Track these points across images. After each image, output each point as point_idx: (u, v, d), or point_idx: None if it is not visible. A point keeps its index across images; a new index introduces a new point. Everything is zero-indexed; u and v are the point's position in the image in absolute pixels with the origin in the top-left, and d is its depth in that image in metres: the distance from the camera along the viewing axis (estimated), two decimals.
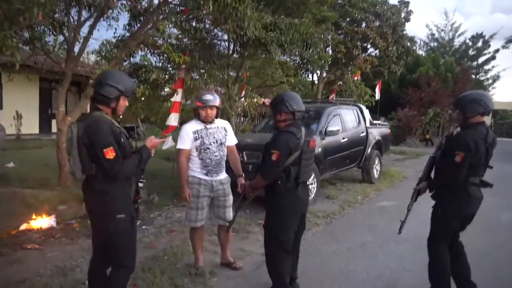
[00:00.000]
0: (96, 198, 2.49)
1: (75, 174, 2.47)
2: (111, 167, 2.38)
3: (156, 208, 6.12)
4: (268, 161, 2.90)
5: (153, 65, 9.27)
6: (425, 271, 3.76)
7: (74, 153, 2.42)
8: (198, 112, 3.52)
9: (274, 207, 3.03)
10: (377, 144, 8.81)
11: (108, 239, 2.51)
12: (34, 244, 4.34)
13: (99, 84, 2.49)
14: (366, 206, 6.60)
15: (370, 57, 14.26)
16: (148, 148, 2.64)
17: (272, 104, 3.13)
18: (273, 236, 3.02)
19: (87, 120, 2.46)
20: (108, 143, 2.38)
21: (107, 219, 2.46)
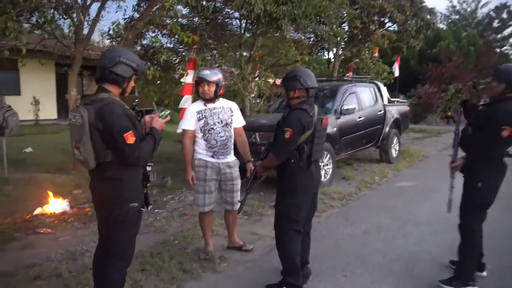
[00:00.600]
0: (108, 187, 2.30)
1: (87, 162, 2.23)
2: (132, 153, 2.22)
3: (169, 191, 6.08)
4: (281, 139, 2.80)
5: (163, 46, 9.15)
6: (446, 254, 3.62)
7: (85, 139, 2.19)
8: (197, 89, 3.46)
9: (287, 186, 2.92)
10: (396, 122, 8.51)
11: (113, 229, 2.35)
12: (46, 228, 4.35)
13: (112, 62, 2.26)
14: (383, 187, 6.39)
15: (387, 32, 13.70)
16: (158, 130, 2.51)
17: (285, 80, 2.98)
18: (285, 216, 2.92)
19: (96, 103, 2.22)
20: (127, 127, 2.22)
21: (118, 208, 2.30)
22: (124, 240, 2.38)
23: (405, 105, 9.62)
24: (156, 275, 3.18)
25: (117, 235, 2.36)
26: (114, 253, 2.37)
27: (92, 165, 2.23)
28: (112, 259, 2.38)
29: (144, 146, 2.32)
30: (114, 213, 2.30)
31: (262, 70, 10.45)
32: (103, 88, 2.31)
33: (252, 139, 6.15)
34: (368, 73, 12.96)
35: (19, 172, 6.98)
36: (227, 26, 10.50)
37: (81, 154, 2.23)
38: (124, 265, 2.43)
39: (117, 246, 2.37)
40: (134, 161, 2.29)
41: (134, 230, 2.44)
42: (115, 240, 2.37)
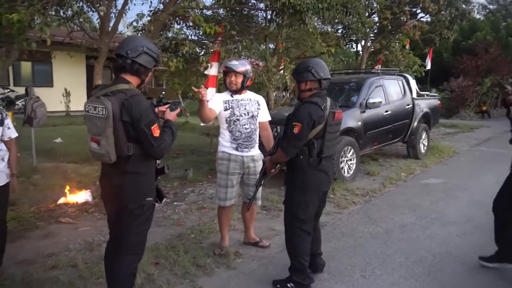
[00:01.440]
0: (126, 181, 2.23)
1: (108, 156, 2.14)
2: (158, 146, 2.19)
3: (190, 184, 6.08)
4: (290, 135, 2.68)
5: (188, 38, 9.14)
6: (474, 258, 3.41)
7: (108, 132, 2.11)
8: (224, 79, 3.38)
9: (295, 184, 2.82)
10: (425, 117, 8.17)
11: (126, 223, 2.30)
12: (68, 218, 4.43)
13: (135, 52, 2.19)
14: (409, 184, 6.14)
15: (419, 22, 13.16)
16: (174, 122, 2.47)
17: (296, 72, 2.84)
18: (293, 215, 2.83)
19: (119, 94, 2.14)
20: (153, 120, 2.18)
21: (134, 202, 2.26)
22: (136, 235, 2.35)
23: (435, 99, 9.22)
24: (169, 269, 3.16)
25: (129, 230, 2.32)
26: (125, 248, 2.34)
27: (114, 158, 2.18)
28: (123, 254, 2.35)
29: (167, 138, 2.29)
30: (129, 207, 2.27)
31: (287, 63, 10.29)
32: (122, 79, 2.24)
33: (274, 132, 6.03)
34: (397, 66, 12.53)
35: (48, 161, 7.19)
36: (252, 17, 10.38)
37: (101, 147, 2.17)
38: (135, 260, 2.41)
39: (128, 240, 2.34)
40: (159, 154, 2.27)
41: (147, 224, 2.41)
42: (127, 235, 2.33)
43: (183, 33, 9.57)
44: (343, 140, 5.91)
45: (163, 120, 2.45)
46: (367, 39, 13.56)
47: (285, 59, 10.46)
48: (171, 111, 2.49)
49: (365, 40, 13.59)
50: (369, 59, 14.51)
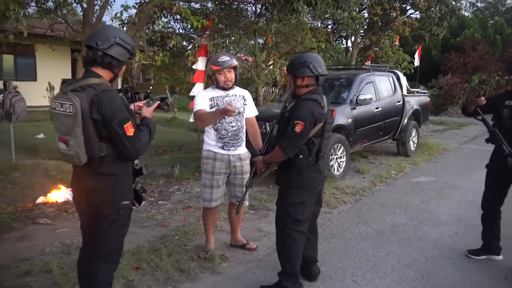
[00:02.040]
0: (100, 184, 2.06)
1: (78, 158, 1.96)
2: (132, 145, 2.01)
3: (176, 181, 5.90)
4: (291, 133, 2.52)
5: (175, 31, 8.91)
6: (467, 260, 3.32)
7: (77, 131, 1.92)
8: (216, 78, 3.13)
9: (292, 184, 2.67)
10: (415, 114, 8.11)
11: (101, 229, 2.11)
12: (46, 219, 4.22)
13: (106, 43, 1.99)
14: (400, 182, 6.06)
15: (409, 19, 13.12)
16: (151, 119, 2.28)
17: (292, 67, 2.68)
18: (288, 216, 2.67)
19: (89, 89, 1.95)
20: (127, 118, 1.99)
21: (110, 206, 2.08)
22: (112, 242, 2.16)
23: (425, 96, 9.17)
24: (151, 274, 2.99)
25: (104, 236, 2.13)
26: (100, 256, 2.16)
27: (84, 160, 1.98)
28: (98, 262, 2.16)
29: (143, 137, 2.10)
30: (104, 212, 2.08)
31: (276, 58, 10.13)
32: (93, 73, 2.04)
33: (262, 129, 5.89)
34: (387, 62, 12.47)
35: (29, 158, 6.92)
36: (241, 11, 10.19)
37: (70, 148, 1.97)
38: (111, 269, 2.22)
39: (104, 248, 2.16)
40: (134, 155, 2.08)
41: (124, 230, 2.22)
42: (102, 242, 2.14)
43: (170, 26, 9.34)
44: (333, 138, 5.79)
45: (140, 116, 2.27)
46: (357, 35, 13.49)
47: (274, 54, 10.30)
48: (148, 106, 2.31)
49: (355, 36, 13.52)
50: (359, 55, 14.45)
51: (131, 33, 6.61)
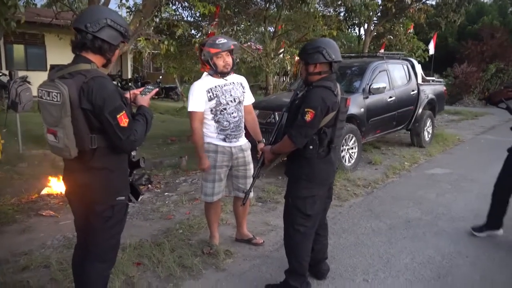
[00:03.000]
0: (93, 178, 1.92)
1: (67, 151, 1.82)
2: (127, 137, 1.85)
3: (183, 172, 5.78)
4: (301, 122, 2.35)
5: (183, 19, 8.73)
6: (487, 259, 3.14)
7: (65, 122, 1.77)
8: (214, 63, 2.91)
9: (302, 176, 2.50)
10: (430, 103, 7.82)
11: (95, 227, 1.99)
12: (50, 210, 4.14)
13: (96, 25, 1.83)
14: (414, 174, 5.84)
15: (425, 5, 12.68)
16: (148, 108, 2.11)
17: (304, 52, 2.49)
18: (297, 210, 2.51)
19: (78, 75, 1.79)
20: (120, 107, 1.84)
21: (104, 202, 1.95)
22: (106, 240, 2.03)
23: (441, 85, 8.85)
24: (152, 270, 2.87)
25: (99, 234, 2.01)
26: (95, 255, 2.04)
27: (74, 153, 1.84)
28: (92, 261, 2.04)
29: (138, 129, 1.93)
30: (97, 209, 1.94)
31: (287, 46, 9.89)
32: (83, 58, 1.87)
33: (271, 119, 5.73)
34: (401, 51, 12.11)
35: (36, 149, 6.88)
36: None
37: (59, 140, 1.82)
38: (106, 267, 2.10)
39: (98, 246, 2.03)
40: (128, 147, 1.93)
41: (119, 227, 2.08)
42: (96, 240, 2.02)
43: (178, 14, 9.15)
44: (345, 128, 5.59)
45: (136, 105, 2.11)
46: (370, 23, 13.11)
47: (285, 42, 10.06)
48: (143, 94, 2.15)
49: (368, 23, 13.14)
50: (372, 43, 14.07)
51: (137, 20, 6.47)
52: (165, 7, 6.51)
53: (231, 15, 8.75)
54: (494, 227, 3.56)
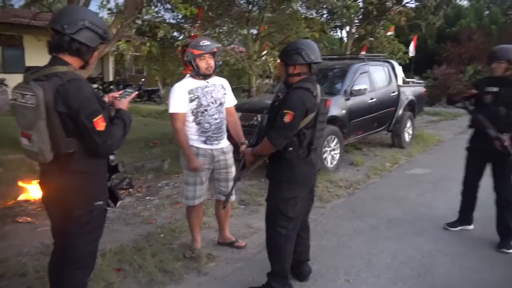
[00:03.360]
0: (69, 183, 1.87)
1: (42, 155, 1.77)
2: (103, 141, 1.82)
3: (166, 176, 5.72)
4: (280, 124, 2.35)
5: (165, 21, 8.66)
6: (466, 256, 3.20)
7: (40, 126, 1.72)
8: (197, 64, 2.90)
9: (282, 178, 2.51)
10: (410, 104, 7.95)
11: (72, 233, 1.93)
12: (27, 217, 4.04)
13: (74, 27, 1.77)
14: (395, 175, 5.92)
15: (405, 8, 12.91)
16: (127, 111, 2.07)
17: (284, 54, 2.51)
18: (279, 212, 2.51)
19: (54, 78, 1.74)
20: (97, 110, 1.80)
21: (81, 207, 1.90)
22: (84, 245, 1.97)
23: (421, 86, 9.01)
24: (133, 276, 2.82)
25: (76, 240, 1.95)
26: (73, 261, 1.98)
27: (49, 157, 1.78)
28: (70, 268, 1.99)
29: (116, 132, 1.89)
30: (74, 214, 1.89)
31: (269, 48, 9.92)
32: (60, 60, 1.82)
33: (254, 121, 5.73)
34: (382, 53, 12.29)
35: (13, 153, 6.69)
36: (234, 0, 9.94)
37: (33, 144, 1.77)
38: (85, 274, 2.05)
39: (76, 252, 1.97)
40: (105, 152, 1.89)
41: (98, 233, 2.03)
42: (74, 246, 1.96)
43: (160, 16, 9.07)
44: (327, 129, 5.62)
45: (114, 109, 2.07)
46: (352, 25, 13.27)
47: (268, 44, 10.08)
48: (123, 98, 2.11)
49: (349, 26, 13.30)
50: (354, 45, 14.23)
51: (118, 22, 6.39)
52: (147, 8, 6.47)
53: (213, 17, 8.72)
54: (466, 223, 3.78)
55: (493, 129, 3.23)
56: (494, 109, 3.28)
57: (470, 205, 3.74)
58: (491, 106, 3.32)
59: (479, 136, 3.46)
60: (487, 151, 3.35)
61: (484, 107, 3.36)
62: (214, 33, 9.29)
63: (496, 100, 3.30)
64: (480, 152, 3.53)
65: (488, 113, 3.30)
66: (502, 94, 3.27)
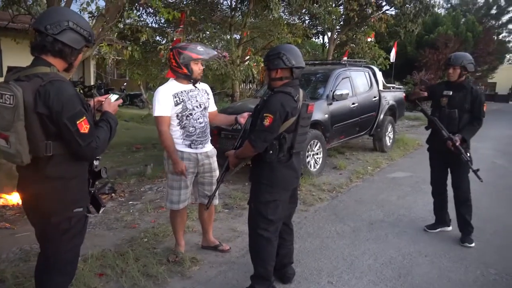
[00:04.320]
0: (46, 189, 1.83)
1: (19, 157, 1.73)
2: (87, 144, 1.78)
3: (149, 180, 5.68)
4: (260, 127, 2.39)
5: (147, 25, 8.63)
6: (444, 257, 3.28)
7: (18, 127, 1.69)
8: (192, 68, 2.90)
9: (263, 181, 2.53)
10: (391, 109, 8.12)
11: (52, 239, 1.91)
12: (5, 222, 3.95)
13: (57, 27, 1.75)
14: (376, 178, 6.03)
15: (385, 15, 13.19)
16: (113, 115, 2.05)
17: (267, 58, 2.55)
18: (260, 215, 2.54)
19: (35, 78, 1.71)
20: (80, 112, 1.76)
21: (59, 214, 1.86)
22: (65, 252, 1.94)
23: (401, 92, 9.21)
24: (116, 280, 2.79)
25: (57, 247, 1.92)
26: (53, 267, 1.95)
27: (27, 160, 1.75)
28: (52, 274, 1.96)
29: (101, 135, 1.86)
30: (53, 221, 1.85)
31: (252, 53, 9.97)
32: (42, 60, 1.79)
33: (237, 126, 5.71)
34: (363, 58, 12.51)
35: None
36: (217, 5, 9.98)
37: (10, 145, 1.72)
38: (66, 280, 2.02)
39: (57, 259, 1.94)
40: (88, 155, 1.85)
41: (79, 239, 2.00)
42: (55, 252, 1.93)
43: (143, 20, 9.03)
44: (310, 134, 5.69)
45: (101, 112, 2.05)
46: (334, 31, 13.47)
47: (251, 49, 10.13)
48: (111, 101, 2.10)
49: (331, 31, 13.49)
50: (336, 51, 14.44)
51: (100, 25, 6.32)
52: (129, 12, 6.42)
53: (196, 22, 8.72)
54: (445, 224, 3.89)
55: (445, 130, 3.48)
56: (449, 111, 3.55)
57: (441, 204, 3.87)
58: (446, 108, 3.57)
59: (435, 137, 3.67)
60: (443, 150, 3.55)
61: (440, 110, 3.61)
62: (197, 38, 9.28)
63: (450, 103, 3.55)
64: (438, 152, 3.73)
65: (444, 115, 3.56)
66: (456, 97, 3.53)
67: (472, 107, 3.50)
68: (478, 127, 3.54)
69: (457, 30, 21.72)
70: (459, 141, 3.41)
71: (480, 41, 21.61)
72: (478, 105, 3.50)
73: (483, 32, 22.82)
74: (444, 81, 3.86)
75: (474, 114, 3.52)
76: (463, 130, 3.49)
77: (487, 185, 5.34)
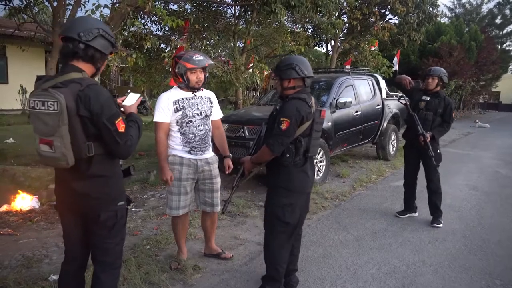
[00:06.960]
0: (93, 187, 1.92)
1: (65, 160, 1.80)
2: (124, 142, 1.89)
3: (152, 187, 5.67)
4: (277, 131, 2.46)
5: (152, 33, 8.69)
6: (449, 267, 3.25)
7: (63, 131, 1.76)
8: (188, 77, 2.92)
9: (280, 184, 2.57)
10: (394, 117, 8.12)
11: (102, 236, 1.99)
12: (8, 229, 3.94)
13: (90, 34, 1.86)
14: (380, 186, 6.00)
15: (388, 24, 13.25)
16: (137, 115, 2.15)
17: (279, 69, 2.62)
18: (276, 218, 2.57)
19: (72, 84, 1.80)
20: (117, 113, 1.88)
21: (107, 210, 1.96)
22: (115, 246, 2.05)
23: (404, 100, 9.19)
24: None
25: (106, 243, 2.02)
26: (104, 266, 2.05)
27: (72, 162, 1.82)
28: (106, 272, 2.05)
29: (133, 133, 1.97)
30: (101, 217, 1.95)
31: (256, 61, 10.02)
32: (74, 67, 1.87)
33: (240, 133, 5.75)
34: (366, 67, 12.54)
35: None
36: (220, 13, 10.06)
37: (55, 150, 1.79)
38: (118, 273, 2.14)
39: (108, 255, 2.04)
40: (126, 152, 1.94)
41: (123, 233, 2.12)
42: (105, 249, 2.03)
43: (147, 28, 9.10)
44: None
45: (124, 113, 2.12)
46: (337, 39, 13.53)
47: (254, 57, 10.19)
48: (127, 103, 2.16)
49: (334, 40, 13.55)
50: (339, 59, 14.49)
51: None
52: (133, 20, 6.48)
53: (200, 30, 8.79)
54: (412, 211, 4.57)
55: (421, 126, 4.13)
56: (425, 113, 4.26)
57: (411, 194, 4.52)
58: (423, 111, 4.28)
59: (410, 131, 4.35)
60: (415, 145, 4.22)
61: (418, 111, 4.30)
62: (201, 46, 9.35)
63: (427, 107, 4.27)
64: (412, 146, 4.35)
65: (421, 116, 4.25)
66: (432, 103, 4.26)
67: (444, 113, 4.24)
68: (447, 129, 4.31)
69: (461, 39, 21.76)
70: (429, 138, 4.09)
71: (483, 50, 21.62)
72: (449, 111, 4.24)
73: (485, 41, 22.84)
74: (422, 89, 4.45)
75: (444, 119, 4.25)
76: (434, 130, 4.20)
77: (490, 195, 5.32)
